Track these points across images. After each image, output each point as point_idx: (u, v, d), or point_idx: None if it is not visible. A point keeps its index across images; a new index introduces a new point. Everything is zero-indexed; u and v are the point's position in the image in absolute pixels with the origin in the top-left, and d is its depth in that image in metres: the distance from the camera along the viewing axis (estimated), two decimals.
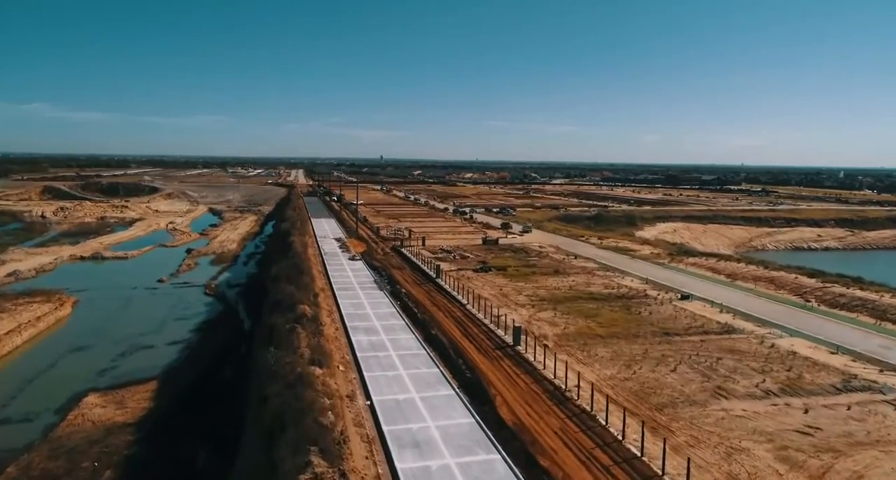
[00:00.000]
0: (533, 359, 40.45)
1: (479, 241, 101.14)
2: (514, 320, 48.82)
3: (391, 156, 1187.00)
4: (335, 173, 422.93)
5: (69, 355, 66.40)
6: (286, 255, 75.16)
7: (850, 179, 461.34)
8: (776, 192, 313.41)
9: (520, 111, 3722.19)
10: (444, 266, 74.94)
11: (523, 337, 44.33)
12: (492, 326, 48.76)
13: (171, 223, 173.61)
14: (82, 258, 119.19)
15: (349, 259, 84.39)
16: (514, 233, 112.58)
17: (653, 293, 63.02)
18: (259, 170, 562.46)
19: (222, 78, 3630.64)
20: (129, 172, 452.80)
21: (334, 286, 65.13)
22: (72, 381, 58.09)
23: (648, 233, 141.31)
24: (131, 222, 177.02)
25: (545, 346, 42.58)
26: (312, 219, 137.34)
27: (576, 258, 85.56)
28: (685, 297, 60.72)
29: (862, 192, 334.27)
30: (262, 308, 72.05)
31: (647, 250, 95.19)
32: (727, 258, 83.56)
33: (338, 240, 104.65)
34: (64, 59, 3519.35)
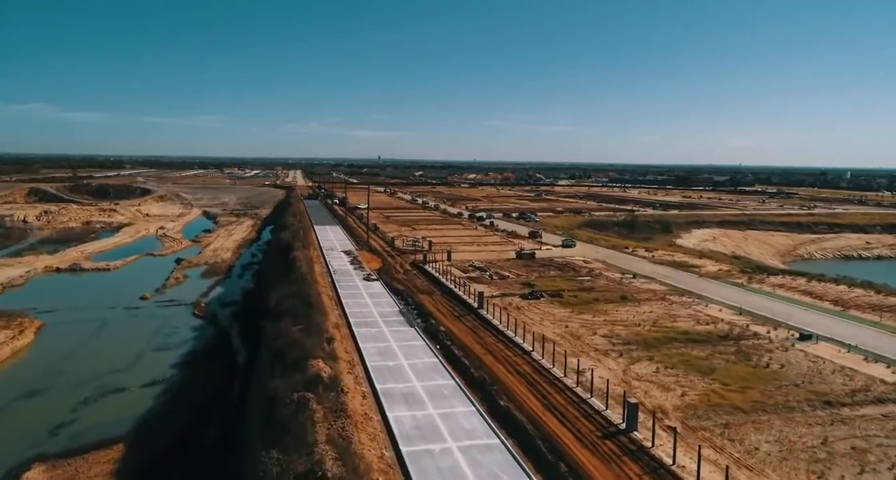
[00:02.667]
0: (671, 461, 26.59)
1: (513, 255, 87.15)
2: (609, 381, 34.99)
3: (388, 156, 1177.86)
4: (335, 174, 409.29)
5: (19, 403, 54.87)
6: (289, 277, 61.07)
7: (864, 180, 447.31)
8: (796, 193, 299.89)
9: (516, 111, 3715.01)
10: (482, 290, 61.11)
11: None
12: (579, 391, 34.84)
13: (161, 228, 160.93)
14: (59, 270, 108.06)
15: (364, 278, 70.34)
16: (548, 245, 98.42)
17: (760, 330, 49.04)
18: (256, 171, 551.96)
19: (220, 78, 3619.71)
20: (122, 173, 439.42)
21: (351, 320, 51.04)
22: (14, 445, 46.83)
23: (688, 240, 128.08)
24: (119, 227, 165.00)
25: (673, 431, 28.71)
26: (315, 227, 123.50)
27: (634, 277, 71.49)
28: (806, 337, 46.71)
29: (882, 193, 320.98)
30: (258, 341, 58.95)
31: (710, 265, 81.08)
32: (819, 278, 69.55)
33: (347, 253, 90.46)
34: (61, 59, 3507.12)
